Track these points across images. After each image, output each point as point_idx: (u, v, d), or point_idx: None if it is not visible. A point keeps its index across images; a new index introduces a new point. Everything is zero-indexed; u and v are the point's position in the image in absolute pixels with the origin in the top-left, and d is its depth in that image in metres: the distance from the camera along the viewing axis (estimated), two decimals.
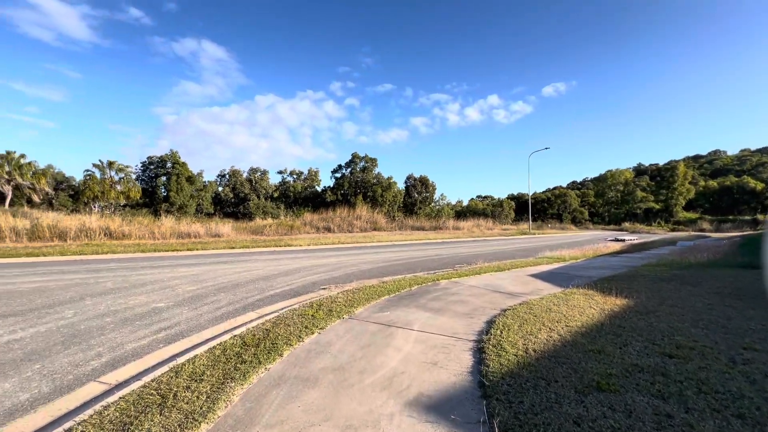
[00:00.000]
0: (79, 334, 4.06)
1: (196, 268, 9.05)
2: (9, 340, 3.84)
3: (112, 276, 7.63)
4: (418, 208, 50.94)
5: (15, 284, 6.59)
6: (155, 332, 4.23)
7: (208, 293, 6.20)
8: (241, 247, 14.77)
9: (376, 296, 5.87)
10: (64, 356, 3.49)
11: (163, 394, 2.70)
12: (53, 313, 4.83)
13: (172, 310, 5.10)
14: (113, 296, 5.82)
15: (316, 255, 12.82)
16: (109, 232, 17.11)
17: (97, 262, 9.97)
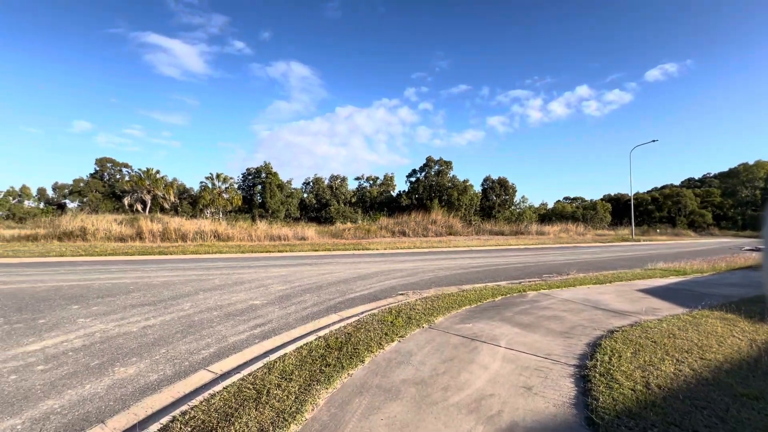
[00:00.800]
0: (193, 325, 4.68)
1: (285, 269, 9.86)
2: (144, 326, 4.61)
3: (218, 274, 8.76)
4: (496, 211, 48.28)
5: (150, 278, 7.99)
6: (252, 328, 4.64)
7: (296, 293, 6.65)
8: (323, 250, 15.71)
9: (456, 306, 5.60)
10: (183, 344, 4.03)
11: (258, 389, 2.89)
12: (175, 305, 5.68)
13: (265, 308, 5.58)
14: (219, 292, 6.63)
15: (392, 259, 12.93)
16: (217, 235, 19.83)
17: (208, 261, 11.59)
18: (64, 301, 5.73)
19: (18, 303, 5.59)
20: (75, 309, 5.29)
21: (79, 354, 3.66)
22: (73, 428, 2.46)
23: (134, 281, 7.57)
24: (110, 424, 2.54)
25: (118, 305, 5.55)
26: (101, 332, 4.31)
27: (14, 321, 4.68)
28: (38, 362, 3.45)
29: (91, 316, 4.97)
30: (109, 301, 5.78)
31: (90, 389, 2.99)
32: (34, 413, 2.63)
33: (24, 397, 2.85)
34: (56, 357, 3.58)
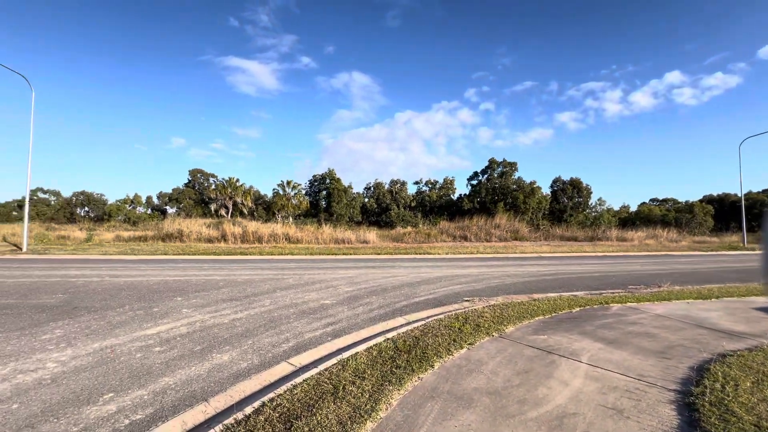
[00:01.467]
0: (274, 320, 5.12)
1: (350, 271, 10.27)
2: (233, 318, 5.17)
3: (291, 274, 9.45)
4: (568, 215, 44.46)
5: (235, 276, 8.94)
6: (324, 326, 4.93)
7: (362, 295, 6.89)
8: (385, 254, 16.01)
9: (528, 315, 5.30)
10: (266, 337, 4.44)
11: (335, 384, 3.07)
12: (257, 301, 6.28)
13: (335, 308, 5.88)
14: (294, 291, 7.16)
15: (455, 264, 12.67)
16: (288, 237, 21.37)
17: (281, 262, 12.58)
18: (171, 293, 6.70)
19: (137, 293, 6.68)
20: (179, 300, 6.15)
21: (185, 339, 4.25)
22: (183, 403, 2.87)
23: (223, 278, 8.55)
24: (212, 403, 2.91)
25: (211, 299, 6.32)
26: (200, 322, 4.95)
27: (136, 308, 5.61)
28: (156, 344, 4.09)
29: (191, 307, 5.73)
30: (204, 295, 6.61)
31: (195, 371, 3.45)
32: (155, 387, 3.13)
33: (147, 372, 3.40)
34: (168, 341, 4.20)
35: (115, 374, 3.34)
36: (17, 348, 3.89)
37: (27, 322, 4.83)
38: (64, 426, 2.54)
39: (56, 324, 4.75)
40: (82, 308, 5.54)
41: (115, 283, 7.70)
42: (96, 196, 46.26)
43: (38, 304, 5.76)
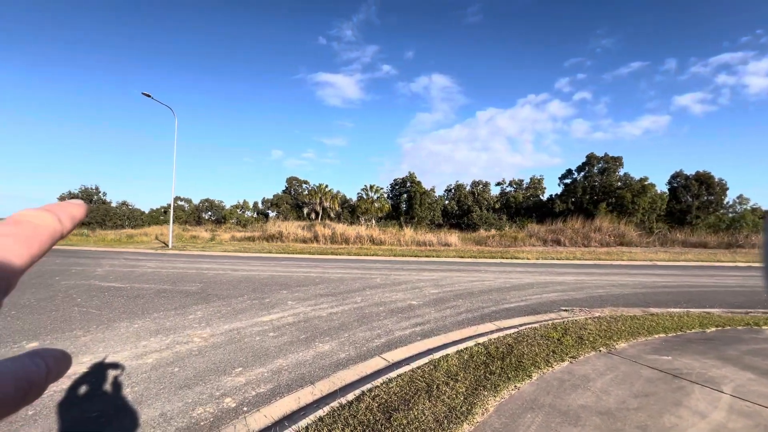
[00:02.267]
0: (365, 317, 5.44)
1: (434, 273, 10.28)
2: (330, 312, 5.66)
3: (378, 274, 9.88)
4: (693, 217, 37.00)
5: (329, 274, 9.74)
6: (413, 326, 5.05)
7: (448, 298, 6.85)
8: (468, 257, 15.56)
9: (644, 332, 4.62)
10: (360, 331, 4.75)
11: (428, 383, 3.14)
12: (350, 297, 6.74)
13: (422, 309, 5.97)
14: (381, 290, 7.48)
15: (548, 270, 11.64)
16: (372, 239, 22.33)
17: (367, 262, 13.22)
18: (277, 287, 7.64)
19: (252, 285, 7.79)
20: (284, 294, 6.98)
21: (292, 328, 4.81)
22: (295, 383, 3.27)
23: (318, 275, 9.40)
24: (318, 386, 3.25)
25: (311, 293, 7.01)
26: (303, 313, 5.54)
27: (252, 298, 6.55)
28: (270, 330, 4.72)
29: (295, 300, 6.45)
30: (304, 290, 7.36)
31: (302, 356, 3.89)
32: (272, 367, 3.62)
33: (264, 354, 3.96)
34: (279, 328, 4.81)
35: (241, 352, 3.97)
36: (173, 324, 4.90)
37: (177, 303, 6.05)
38: (210, 389, 3.12)
39: (197, 307, 5.83)
40: (213, 295, 6.70)
41: (235, 276, 9.08)
42: (216, 203, 55.04)
43: (183, 290, 7.15)
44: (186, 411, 2.77)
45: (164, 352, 3.91)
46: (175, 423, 2.61)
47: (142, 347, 4.03)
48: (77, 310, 5.51)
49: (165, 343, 4.16)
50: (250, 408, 2.84)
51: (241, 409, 2.81)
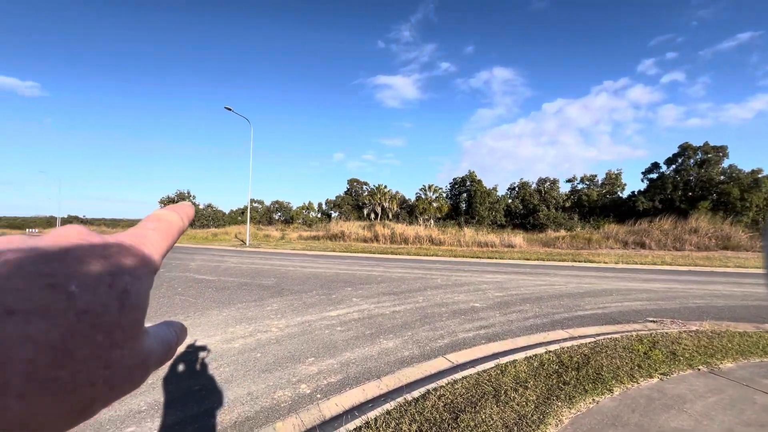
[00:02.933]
0: (427, 317, 5.47)
1: (498, 275, 9.88)
2: (393, 310, 5.79)
3: (439, 274, 9.82)
4: None
5: (390, 273, 9.95)
6: (477, 328, 4.95)
7: (514, 301, 6.55)
8: (535, 259, 14.64)
9: (758, 352, 3.94)
10: (422, 331, 4.80)
11: (495, 387, 3.07)
12: (411, 297, 6.82)
13: (486, 311, 5.81)
14: (443, 291, 7.43)
15: (630, 276, 10.44)
16: (432, 239, 22.17)
17: (427, 262, 13.20)
18: (342, 284, 8.03)
19: (320, 282, 8.30)
20: (349, 291, 7.31)
21: (357, 324, 5.04)
22: (363, 377, 3.43)
23: (380, 274, 9.65)
24: (384, 381, 3.37)
25: (373, 291, 7.24)
26: (367, 310, 5.76)
27: (320, 294, 6.98)
28: (337, 324, 5.01)
29: (359, 297, 6.73)
30: (367, 288, 7.63)
31: (368, 351, 4.06)
32: (341, 359, 3.85)
33: (333, 346, 4.21)
34: (346, 323, 5.07)
35: (313, 343, 4.28)
36: (254, 314, 5.46)
37: (256, 296, 6.71)
38: (288, 375, 3.43)
39: (273, 300, 6.41)
40: (286, 290, 7.29)
41: (304, 273, 9.75)
42: (285, 204, 59.41)
43: (261, 284, 7.90)
44: (268, 393, 3.08)
45: (248, 338, 4.39)
46: (260, 402, 2.92)
47: (230, 333, 4.56)
48: (178, 299, 6.42)
49: (248, 331, 4.66)
50: (323, 395, 3.06)
51: (314, 396, 3.05)
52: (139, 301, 0.20)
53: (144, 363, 0.21)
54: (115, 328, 0.18)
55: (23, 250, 0.18)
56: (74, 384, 0.17)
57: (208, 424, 2.60)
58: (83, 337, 0.17)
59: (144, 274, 0.21)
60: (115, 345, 0.18)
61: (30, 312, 0.16)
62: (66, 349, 0.16)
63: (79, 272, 0.18)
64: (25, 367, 0.15)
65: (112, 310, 0.18)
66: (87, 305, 0.17)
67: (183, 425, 2.56)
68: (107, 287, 0.19)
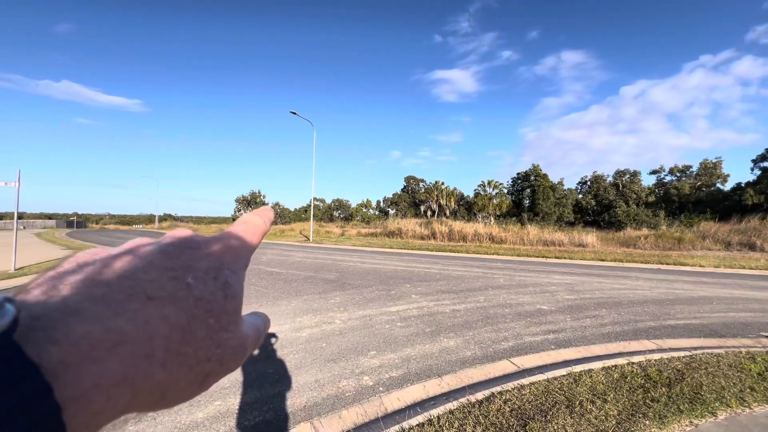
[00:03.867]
0: (489, 317, 5.27)
1: (568, 276, 9.13)
2: (453, 309, 5.68)
3: (501, 274, 9.39)
4: None
5: (449, 271, 9.77)
6: (545, 332, 4.63)
7: (588, 305, 6.00)
8: (611, 260, 13.24)
9: None
10: (484, 332, 4.63)
11: (568, 397, 2.85)
12: (472, 296, 6.62)
13: (555, 315, 5.41)
14: (506, 291, 7.09)
15: (735, 282, 8.90)
16: (492, 237, 21.28)
17: (488, 261, 12.70)
18: (401, 280, 8.10)
19: (379, 278, 8.47)
20: (408, 287, 7.35)
21: (417, 320, 5.04)
22: (423, 373, 3.42)
23: (438, 272, 9.54)
24: (445, 380, 3.32)
25: (432, 289, 7.18)
26: (427, 308, 5.73)
27: (380, 289, 7.12)
28: (397, 320, 5.06)
29: (418, 294, 6.72)
30: (426, 285, 7.60)
31: (428, 349, 4.04)
32: (401, 354, 3.88)
33: (393, 341, 4.26)
34: (406, 319, 5.10)
35: (374, 337, 4.38)
36: (319, 306, 5.76)
37: (320, 289, 7.07)
38: (351, 366, 3.56)
39: (335, 293, 6.70)
40: (347, 284, 7.57)
41: (364, 268, 10.04)
42: (345, 202, 61.67)
43: (324, 278, 8.31)
44: (334, 381, 3.23)
45: (314, 328, 4.65)
46: (327, 390, 3.08)
47: (297, 323, 4.88)
48: (253, 289, 7.04)
49: (314, 322, 4.93)
50: (385, 389, 3.11)
51: (377, 389, 3.12)
52: (237, 292, 0.23)
53: (243, 345, 0.24)
54: (222, 314, 0.22)
55: (150, 247, 0.22)
56: (197, 359, 0.20)
57: (281, 405, 2.81)
58: (201, 321, 0.20)
59: (239, 269, 0.25)
60: (223, 328, 0.22)
61: (163, 298, 0.19)
62: (190, 329, 0.20)
63: (192, 267, 0.22)
64: (164, 342, 0.19)
65: (218, 299, 0.22)
66: (201, 293, 0.21)
67: (260, 404, 2.80)
68: (213, 279, 0.22)
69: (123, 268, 0.20)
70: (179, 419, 2.60)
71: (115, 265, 0.20)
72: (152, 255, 0.21)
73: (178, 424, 2.54)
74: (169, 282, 0.20)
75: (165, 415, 2.63)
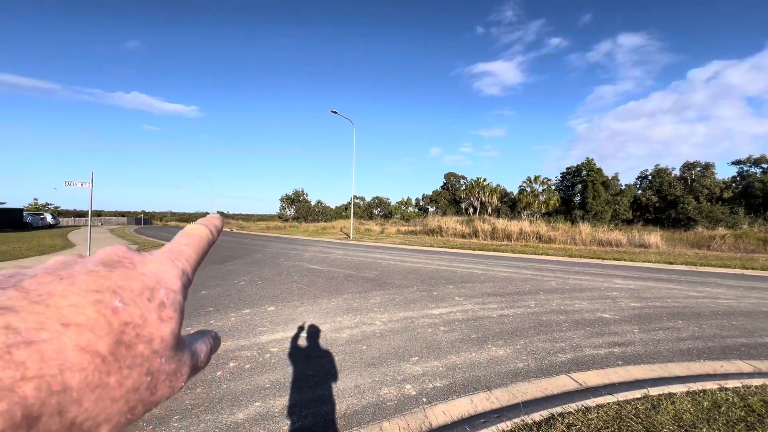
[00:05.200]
0: (542, 325, 4.81)
1: (630, 281, 8.22)
2: (500, 314, 5.29)
3: (552, 276, 8.69)
4: None
5: (494, 272, 9.26)
6: (609, 345, 4.12)
7: (659, 316, 5.29)
8: (681, 263, 11.80)
9: None
10: (537, 341, 4.22)
11: (647, 428, 2.43)
12: (521, 300, 6.15)
13: (620, 325, 4.81)
14: (559, 296, 6.51)
15: None
16: (539, 236, 20.05)
17: (536, 261, 11.90)
18: (443, 281, 7.78)
19: (419, 277, 8.22)
20: (451, 288, 7.02)
21: (462, 325, 4.74)
22: (470, 385, 3.14)
23: (482, 272, 9.06)
24: (495, 394, 3.01)
25: (477, 291, 6.79)
26: (471, 311, 5.39)
27: (421, 289, 6.88)
28: (440, 324, 4.79)
29: (462, 296, 6.38)
30: (470, 286, 7.21)
31: (475, 357, 3.73)
32: (445, 362, 3.62)
33: (437, 347, 4.01)
34: (449, 323, 4.82)
35: (415, 341, 4.16)
36: (359, 305, 5.66)
37: (360, 288, 6.98)
38: (392, 372, 3.37)
39: (375, 293, 6.57)
40: (387, 283, 7.42)
41: (404, 267, 9.83)
42: (384, 199, 61.84)
43: (364, 276, 8.23)
44: (374, 388, 3.07)
45: (354, 329, 4.53)
46: (367, 397, 2.92)
47: (337, 322, 4.80)
48: (295, 285, 7.14)
49: (354, 322, 4.82)
50: (428, 400, 2.89)
51: (420, 399, 2.90)
52: (175, 313, 0.22)
53: (180, 370, 0.22)
54: (154, 339, 0.20)
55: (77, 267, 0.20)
56: (122, 389, 0.18)
57: (320, 411, 2.70)
58: (128, 347, 0.19)
59: (178, 288, 0.23)
60: (156, 354, 0.20)
61: (81, 325, 0.18)
62: (115, 358, 0.18)
63: (123, 288, 0.20)
64: (80, 375, 0.17)
65: (152, 322, 0.20)
66: (130, 317, 0.19)
67: (299, 408, 2.71)
68: (146, 301, 0.20)
69: (36, 292, 0.18)
70: (221, 419, 2.57)
71: (27, 288, 0.18)
72: (76, 276, 0.19)
73: (219, 424, 2.52)
74: (91, 306, 0.18)
75: (208, 414, 2.63)
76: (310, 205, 55.31)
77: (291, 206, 55.56)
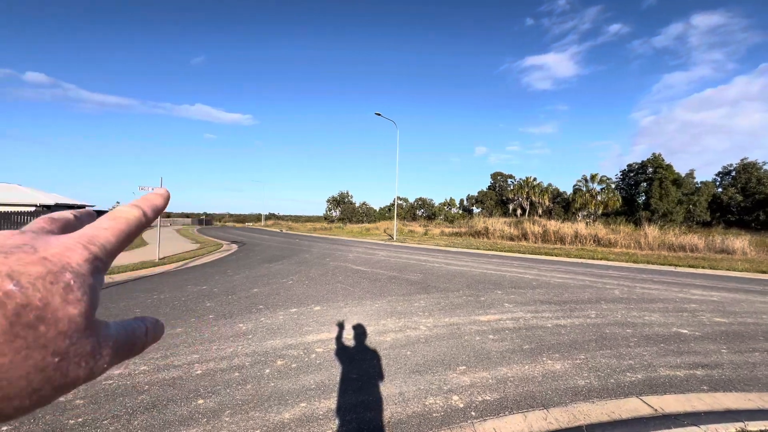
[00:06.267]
0: (606, 338, 4.35)
1: (712, 292, 7.21)
2: (556, 324, 4.88)
3: (615, 284, 7.91)
4: None
5: (547, 277, 8.66)
6: (689, 366, 3.60)
7: (753, 334, 4.55)
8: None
9: None
10: (600, 356, 3.81)
11: None
12: (579, 309, 5.64)
13: (702, 343, 4.20)
14: (625, 306, 5.88)
15: None
16: (597, 239, 18.49)
17: (595, 267, 10.94)
18: (491, 285, 7.42)
19: (466, 281, 7.92)
20: (499, 294, 6.66)
21: (513, 334, 4.44)
22: (524, 401, 2.89)
23: (534, 278, 8.51)
24: (552, 414, 2.74)
25: (528, 298, 6.37)
26: (523, 319, 5.05)
27: (468, 294, 6.61)
28: (489, 332, 4.54)
29: (511, 302, 6.02)
30: (520, 293, 6.79)
31: (528, 371, 3.46)
32: (495, 374, 3.39)
33: (486, 357, 3.78)
34: (499, 331, 4.54)
35: (462, 349, 3.96)
36: (403, 309, 5.56)
37: (405, 290, 6.89)
38: (438, 381, 3.23)
39: (420, 296, 6.43)
40: (432, 287, 7.24)
41: (449, 270, 9.56)
42: (427, 201, 61.21)
43: (408, 279, 8.12)
44: (419, 397, 2.95)
45: (398, 333, 4.44)
46: (412, 406, 2.81)
47: (381, 325, 4.74)
48: (340, 286, 7.23)
49: (398, 326, 4.73)
50: (478, 414, 2.71)
51: (468, 413, 2.73)
52: (84, 296, 0.21)
53: (99, 352, 0.22)
54: (60, 320, 0.20)
55: None
56: (20, 369, 0.18)
57: (364, 417, 2.64)
58: (27, 328, 0.19)
59: (87, 271, 0.23)
60: (62, 334, 0.20)
61: None
62: (5, 339, 0.18)
63: (18, 272, 0.20)
64: None
65: (55, 305, 0.20)
66: (27, 300, 0.19)
67: (342, 413, 2.68)
68: (50, 284, 0.20)
69: None
70: (268, 417, 2.62)
71: None
72: None
73: (267, 422, 2.56)
74: None
75: (256, 411, 2.69)
76: (354, 206, 56.40)
77: (336, 207, 57.11)
